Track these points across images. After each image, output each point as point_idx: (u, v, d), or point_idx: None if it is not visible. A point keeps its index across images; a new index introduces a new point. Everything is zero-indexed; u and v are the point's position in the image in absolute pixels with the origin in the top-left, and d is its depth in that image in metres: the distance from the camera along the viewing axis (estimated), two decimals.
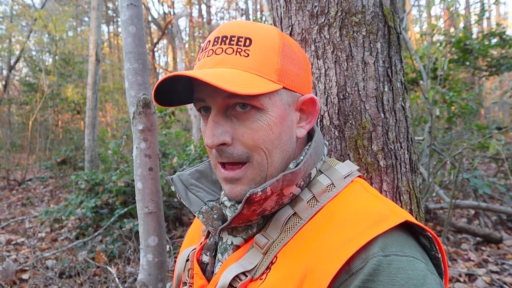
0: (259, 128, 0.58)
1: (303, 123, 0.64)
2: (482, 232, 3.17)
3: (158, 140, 1.32)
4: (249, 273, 0.58)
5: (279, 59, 0.59)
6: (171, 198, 3.74)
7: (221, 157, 0.60)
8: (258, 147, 0.58)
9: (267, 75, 0.58)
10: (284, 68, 0.60)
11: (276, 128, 0.59)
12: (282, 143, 0.60)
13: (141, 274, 1.28)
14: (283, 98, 0.60)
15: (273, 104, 0.59)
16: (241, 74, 0.56)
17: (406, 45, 3.93)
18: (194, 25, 16.64)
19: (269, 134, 0.58)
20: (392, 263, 0.48)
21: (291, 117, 0.62)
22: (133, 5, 1.31)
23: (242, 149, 0.59)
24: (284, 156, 0.61)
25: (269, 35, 0.60)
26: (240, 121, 0.59)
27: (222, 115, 0.59)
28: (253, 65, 0.57)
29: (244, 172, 0.60)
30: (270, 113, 0.58)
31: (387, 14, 0.92)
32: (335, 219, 0.56)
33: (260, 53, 0.58)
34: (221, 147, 0.59)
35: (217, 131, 0.58)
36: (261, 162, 0.59)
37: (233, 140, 0.59)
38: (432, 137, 3.45)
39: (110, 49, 19.84)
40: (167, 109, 5.92)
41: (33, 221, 4.51)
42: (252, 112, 0.58)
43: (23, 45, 10.02)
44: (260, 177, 0.60)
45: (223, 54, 0.58)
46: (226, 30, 0.60)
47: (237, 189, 0.60)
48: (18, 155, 10.54)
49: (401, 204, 0.93)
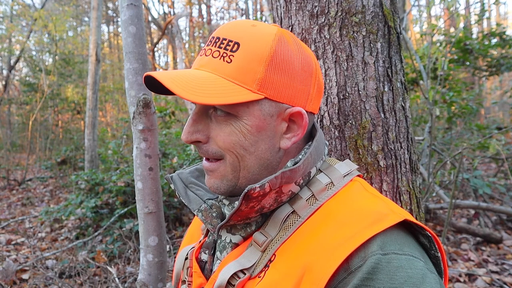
0: (232, 133, 0.59)
1: (289, 135, 0.62)
2: (482, 232, 3.17)
3: (158, 140, 1.32)
4: (248, 271, 0.58)
5: (264, 69, 0.57)
6: (171, 198, 3.75)
7: (200, 152, 0.63)
8: (229, 150, 0.60)
9: (245, 84, 0.57)
10: (268, 78, 0.58)
11: (251, 136, 0.59)
12: (258, 151, 0.60)
13: (141, 274, 1.28)
14: (264, 108, 0.59)
15: (250, 113, 0.58)
16: (217, 81, 0.57)
17: (406, 45, 3.93)
18: (194, 25, 16.64)
19: (241, 140, 0.59)
20: (391, 262, 0.48)
21: (272, 127, 0.60)
22: (133, 5, 1.31)
23: (216, 148, 0.61)
24: (262, 163, 0.61)
25: (260, 41, 0.58)
26: (217, 123, 0.60)
27: (203, 113, 0.62)
28: (233, 72, 0.57)
29: (218, 166, 0.62)
30: (245, 121, 0.58)
31: (387, 14, 0.92)
32: (333, 217, 0.56)
33: (243, 61, 0.57)
34: (197, 144, 0.62)
35: (192, 128, 0.61)
36: (233, 163, 0.61)
37: (209, 139, 0.61)
38: (432, 137, 3.45)
39: (110, 49, 19.84)
40: (167, 109, 5.92)
41: (33, 221, 4.51)
42: (228, 117, 0.59)
43: (23, 45, 10.02)
44: (232, 176, 0.61)
45: (210, 57, 0.60)
46: (222, 31, 0.61)
47: (211, 181, 0.63)
48: (18, 155, 10.54)
49: (401, 204, 0.93)
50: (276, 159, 0.63)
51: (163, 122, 6.11)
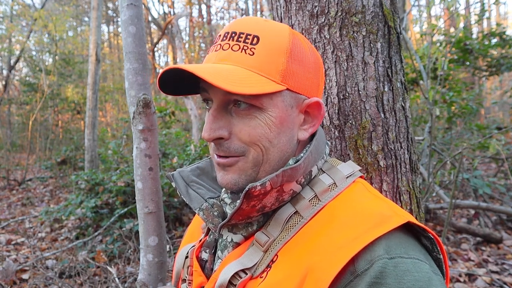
0: (257, 126, 0.58)
1: (306, 126, 0.64)
2: (482, 232, 3.17)
3: (158, 140, 1.32)
4: (249, 271, 0.58)
5: (285, 60, 0.59)
6: (171, 198, 3.75)
7: (218, 150, 0.61)
8: (255, 143, 0.59)
9: (270, 75, 0.58)
10: (289, 70, 0.59)
11: (275, 127, 0.59)
12: (280, 143, 0.60)
13: (141, 274, 1.28)
14: (286, 100, 0.60)
15: (274, 104, 0.59)
16: (242, 72, 0.56)
17: (406, 45, 3.93)
18: (194, 25, 16.63)
19: (267, 133, 0.59)
20: (398, 266, 0.48)
21: (293, 119, 0.62)
22: (133, 5, 1.31)
23: (239, 144, 0.59)
24: (282, 156, 0.61)
25: (278, 34, 0.60)
26: (239, 118, 0.59)
27: (222, 109, 0.60)
28: (257, 64, 0.58)
29: (237, 161, 0.60)
30: (270, 112, 0.58)
31: (387, 14, 0.92)
32: (337, 218, 0.56)
33: (266, 53, 0.58)
34: (218, 141, 0.60)
35: (215, 125, 0.59)
36: (257, 157, 0.59)
37: (231, 135, 0.60)
38: (432, 137, 3.45)
39: (110, 49, 19.84)
40: (167, 109, 5.93)
41: (33, 221, 4.51)
42: (251, 110, 0.58)
43: (23, 45, 10.02)
44: (252, 171, 0.60)
45: (229, 50, 0.59)
46: (237, 26, 0.60)
47: (228, 177, 0.61)
48: (18, 155, 10.54)
49: (401, 204, 0.93)
50: (293, 152, 0.63)
51: (163, 122, 6.12)
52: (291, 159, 0.61)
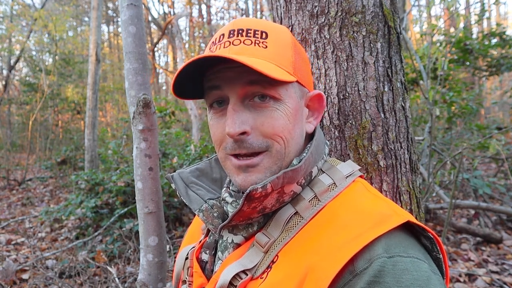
0: (279, 117, 0.59)
1: (310, 119, 0.66)
2: (482, 232, 3.17)
3: (158, 140, 1.32)
4: (250, 272, 0.58)
5: (293, 54, 0.62)
6: (171, 198, 3.74)
7: (239, 148, 0.59)
8: (278, 135, 0.58)
9: (285, 67, 0.59)
10: (296, 63, 0.62)
11: (293, 118, 0.60)
12: (296, 135, 0.61)
13: (141, 274, 1.28)
14: (296, 91, 0.62)
15: (289, 95, 0.60)
16: (263, 63, 0.57)
17: (406, 45, 3.93)
18: (194, 25, 16.62)
19: (288, 124, 0.59)
20: (396, 265, 0.48)
21: (301, 111, 0.64)
22: (133, 5, 1.31)
23: (262, 139, 0.58)
24: (296, 148, 0.62)
25: (281, 31, 0.63)
26: (259, 111, 0.59)
27: (241, 104, 0.59)
28: (272, 56, 0.59)
29: (261, 160, 0.59)
30: (287, 103, 0.60)
31: (387, 14, 0.92)
32: (337, 219, 0.56)
33: (277, 46, 0.60)
34: (240, 137, 0.58)
35: (239, 119, 0.57)
36: (280, 150, 0.59)
37: (252, 130, 0.58)
38: (432, 137, 3.45)
39: (110, 49, 19.84)
40: (167, 109, 5.92)
41: (33, 221, 4.51)
42: (270, 102, 0.59)
43: (23, 45, 10.02)
44: (277, 166, 0.60)
45: (241, 45, 0.59)
46: (241, 24, 0.61)
47: (252, 178, 0.59)
48: (18, 155, 10.54)
49: (401, 204, 0.93)
50: (303, 145, 0.64)
51: (163, 122, 6.11)
52: (295, 159, 0.61)
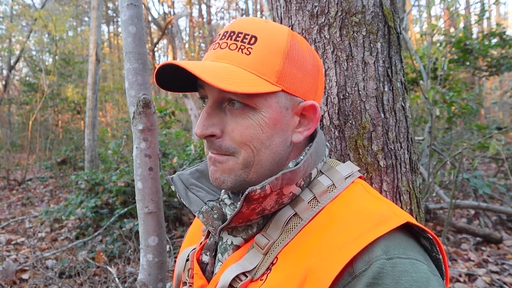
0: (250, 126, 0.58)
1: (301, 129, 0.63)
2: (482, 232, 3.17)
3: (158, 140, 1.32)
4: (249, 274, 0.57)
5: (282, 61, 0.59)
6: (171, 198, 3.74)
7: (210, 148, 0.61)
8: (246, 144, 0.59)
9: (265, 76, 0.57)
10: (286, 71, 0.59)
11: (268, 129, 0.59)
12: (273, 145, 0.60)
13: (141, 274, 1.28)
14: (281, 101, 0.60)
15: (268, 105, 0.58)
16: (237, 71, 0.56)
17: (406, 45, 3.93)
18: (194, 25, 16.63)
19: (259, 133, 0.58)
20: (395, 266, 0.48)
21: (287, 121, 0.61)
22: (133, 5, 1.31)
23: (231, 143, 0.59)
24: (274, 158, 0.61)
25: (276, 35, 0.60)
26: (233, 117, 0.59)
27: (217, 107, 0.60)
28: (252, 63, 0.58)
29: (227, 159, 0.60)
30: (263, 113, 0.58)
31: (387, 14, 0.92)
32: (336, 220, 0.56)
33: (263, 53, 0.58)
34: (210, 138, 0.60)
35: (208, 122, 0.59)
36: (247, 158, 0.59)
37: (223, 134, 0.60)
38: (432, 137, 3.45)
39: (110, 49, 19.84)
40: (167, 109, 5.92)
41: (33, 221, 4.51)
42: (245, 109, 0.58)
43: (23, 45, 10.02)
44: (242, 172, 0.60)
45: (226, 49, 0.59)
46: (236, 26, 0.61)
47: (217, 174, 0.61)
48: (18, 155, 10.54)
49: (401, 204, 0.93)
50: (286, 154, 0.63)
51: (163, 122, 6.12)
52: (291, 162, 0.61)
